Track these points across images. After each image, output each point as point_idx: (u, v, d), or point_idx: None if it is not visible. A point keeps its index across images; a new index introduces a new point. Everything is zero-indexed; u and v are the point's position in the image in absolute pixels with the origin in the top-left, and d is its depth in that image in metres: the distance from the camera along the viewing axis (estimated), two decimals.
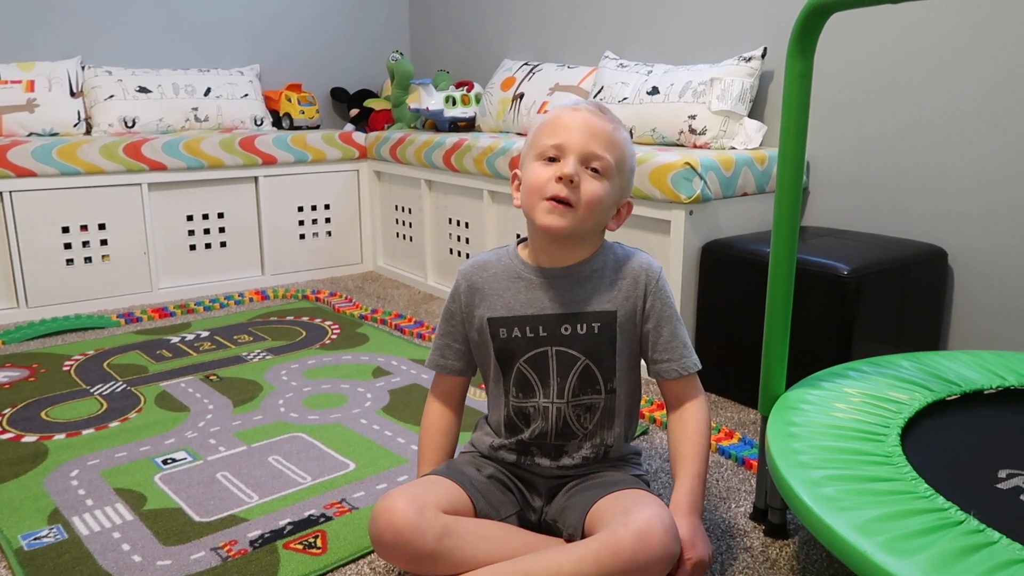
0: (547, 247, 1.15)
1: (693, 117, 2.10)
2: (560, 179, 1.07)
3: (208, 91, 2.92)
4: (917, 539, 0.82)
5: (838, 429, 1.08)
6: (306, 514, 1.29)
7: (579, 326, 1.13)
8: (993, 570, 0.77)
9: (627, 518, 0.98)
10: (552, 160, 1.09)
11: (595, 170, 1.09)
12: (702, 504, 1.13)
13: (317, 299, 2.67)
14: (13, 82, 2.60)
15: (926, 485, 0.93)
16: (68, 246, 2.47)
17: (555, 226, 1.08)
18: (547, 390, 1.15)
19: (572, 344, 1.13)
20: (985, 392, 1.23)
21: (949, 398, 1.21)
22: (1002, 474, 0.99)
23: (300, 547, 1.19)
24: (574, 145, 1.08)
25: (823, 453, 1.02)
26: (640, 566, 0.96)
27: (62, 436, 1.59)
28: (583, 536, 1.05)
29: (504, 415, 1.18)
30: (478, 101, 2.85)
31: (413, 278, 2.87)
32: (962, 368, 1.30)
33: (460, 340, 1.21)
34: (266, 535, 1.22)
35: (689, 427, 1.15)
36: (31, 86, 2.63)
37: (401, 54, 3.01)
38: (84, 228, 2.49)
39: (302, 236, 2.93)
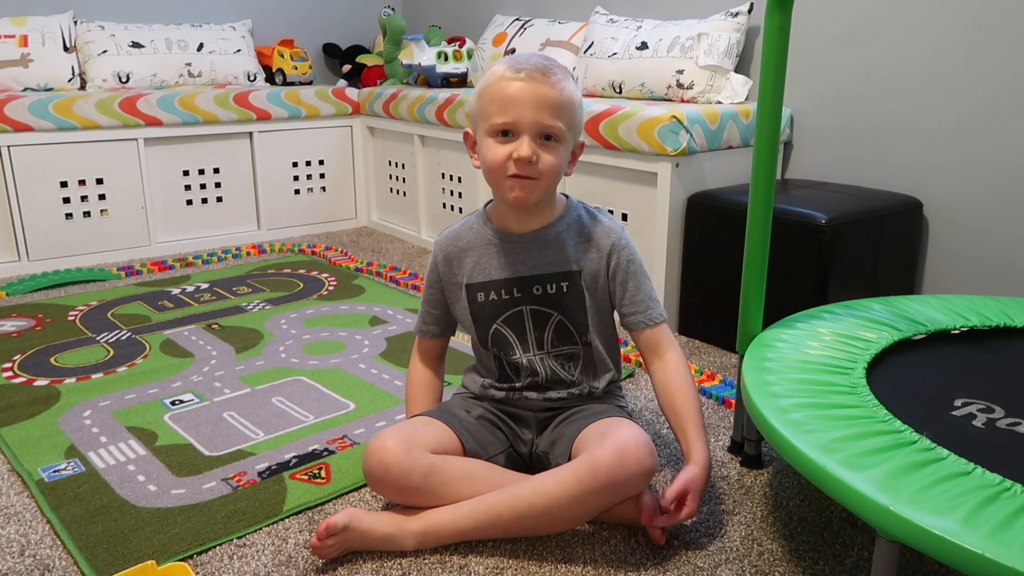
0: (515, 213, 1.20)
1: (681, 72, 2.14)
2: (518, 159, 1.10)
3: (201, 46, 2.93)
4: (873, 456, 0.90)
5: (808, 364, 1.16)
6: (310, 448, 1.37)
7: (549, 286, 1.20)
8: (939, 481, 0.84)
9: (605, 439, 1.07)
10: (505, 134, 1.11)
11: (548, 137, 1.11)
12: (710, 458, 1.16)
13: (313, 253, 2.72)
14: (6, 37, 2.62)
15: (886, 411, 1.01)
16: (67, 200, 2.51)
17: (523, 199, 1.13)
18: (525, 345, 1.22)
19: (544, 302, 1.20)
20: (951, 332, 1.31)
21: (915, 337, 1.28)
22: (957, 403, 1.07)
23: (305, 477, 1.27)
24: (525, 123, 1.09)
25: (793, 384, 1.09)
26: (617, 481, 1.04)
27: (72, 380, 1.66)
28: None
29: (497, 368, 1.25)
30: (470, 57, 2.87)
31: (407, 232, 2.93)
32: (930, 310, 1.37)
33: (439, 307, 1.28)
34: (273, 467, 1.30)
35: (678, 381, 1.17)
36: (24, 41, 2.64)
37: (393, 9, 3.02)
38: (82, 183, 2.52)
39: (297, 191, 2.97)
